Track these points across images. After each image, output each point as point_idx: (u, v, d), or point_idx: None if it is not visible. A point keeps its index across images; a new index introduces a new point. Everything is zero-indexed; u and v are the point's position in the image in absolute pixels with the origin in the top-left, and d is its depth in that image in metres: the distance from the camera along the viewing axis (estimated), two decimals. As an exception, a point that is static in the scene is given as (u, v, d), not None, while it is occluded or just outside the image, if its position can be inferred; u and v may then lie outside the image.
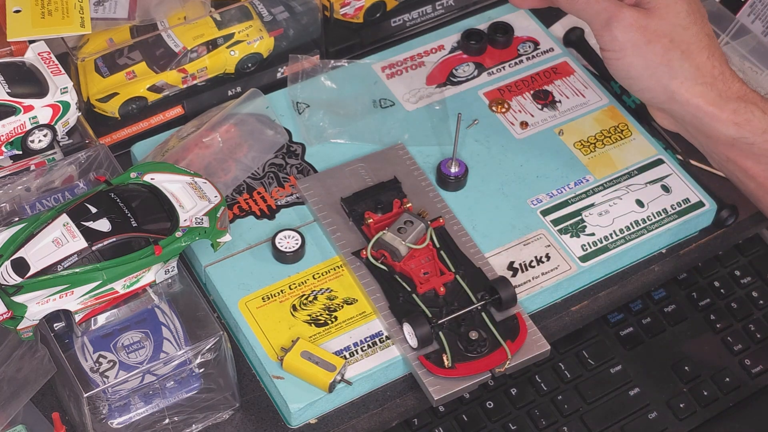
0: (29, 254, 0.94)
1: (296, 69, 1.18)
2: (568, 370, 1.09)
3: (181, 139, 1.11)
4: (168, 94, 1.16)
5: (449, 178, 1.11)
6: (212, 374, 0.98)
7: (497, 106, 1.18)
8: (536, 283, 1.06)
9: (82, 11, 1.09)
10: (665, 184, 1.12)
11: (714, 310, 1.15)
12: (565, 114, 1.18)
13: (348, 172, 1.11)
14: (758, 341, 1.13)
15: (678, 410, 1.08)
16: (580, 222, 1.09)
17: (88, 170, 1.07)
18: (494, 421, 1.06)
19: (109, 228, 0.95)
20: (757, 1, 1.23)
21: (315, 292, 1.03)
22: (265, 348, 1.00)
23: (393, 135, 1.15)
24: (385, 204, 1.07)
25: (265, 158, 1.12)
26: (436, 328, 0.99)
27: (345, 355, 1.00)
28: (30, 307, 0.93)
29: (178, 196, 1.00)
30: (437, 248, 1.04)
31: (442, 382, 0.98)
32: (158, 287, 0.99)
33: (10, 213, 1.03)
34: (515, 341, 1.00)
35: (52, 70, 1.06)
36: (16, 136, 1.04)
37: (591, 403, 1.08)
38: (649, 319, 1.13)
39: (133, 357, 0.96)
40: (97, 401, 0.94)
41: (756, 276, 1.17)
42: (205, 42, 1.15)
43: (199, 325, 0.97)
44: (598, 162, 1.14)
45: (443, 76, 1.20)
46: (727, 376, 1.10)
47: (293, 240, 1.05)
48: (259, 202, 1.09)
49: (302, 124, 1.15)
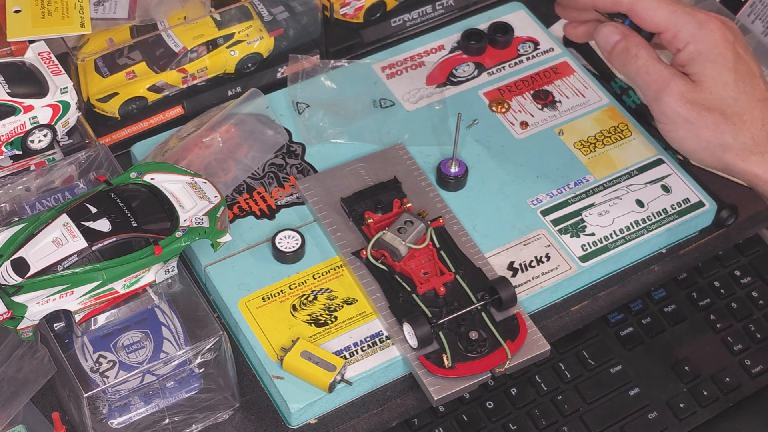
0: (29, 254, 0.94)
1: (296, 69, 1.18)
2: (568, 370, 1.09)
3: (181, 139, 1.11)
4: (168, 94, 1.16)
5: (449, 178, 1.11)
6: (212, 374, 0.98)
7: (497, 106, 1.18)
8: (536, 283, 1.06)
9: (82, 11, 1.09)
10: (665, 184, 1.13)
11: (714, 310, 1.15)
12: (565, 114, 1.18)
13: (348, 172, 1.11)
14: (758, 341, 1.13)
15: (678, 410, 1.08)
16: (580, 222, 1.09)
17: (88, 170, 1.07)
18: (494, 421, 1.06)
19: (109, 228, 0.95)
20: (757, 1, 1.23)
21: (315, 292, 1.03)
22: (265, 348, 1.00)
23: (393, 135, 1.15)
24: (385, 204, 1.07)
25: (265, 158, 1.12)
26: (436, 328, 0.99)
27: (345, 355, 1.00)
28: (30, 307, 0.93)
29: (178, 196, 1.00)
30: (437, 248, 1.04)
31: (442, 382, 0.98)
32: (158, 287, 0.99)
33: (10, 213, 1.03)
34: (515, 341, 1.00)
35: (52, 70, 1.06)
36: (16, 136, 1.04)
37: (591, 403, 1.08)
38: (649, 319, 1.13)
39: (133, 357, 0.96)
40: (97, 401, 0.94)
41: (756, 276, 1.17)
42: (205, 42, 1.15)
43: (199, 325, 0.97)
44: (598, 162, 1.14)
45: (443, 76, 1.20)
46: (727, 376, 1.10)
47: (293, 240, 1.05)
48: (259, 202, 1.09)
49: (302, 124, 1.15)
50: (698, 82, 1.01)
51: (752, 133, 1.01)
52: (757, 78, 1.02)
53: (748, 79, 1.02)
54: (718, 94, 1.01)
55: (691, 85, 1.02)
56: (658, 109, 1.03)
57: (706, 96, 1.01)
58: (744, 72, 1.02)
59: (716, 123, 1.01)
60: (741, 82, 1.01)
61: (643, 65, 1.03)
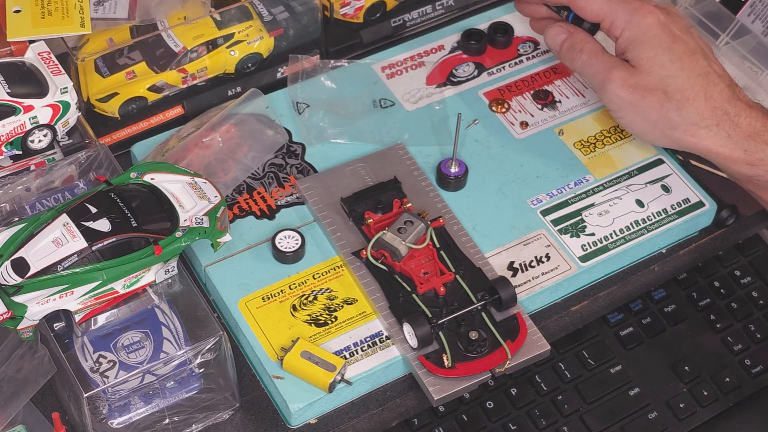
0: (29, 254, 0.94)
1: (296, 69, 1.18)
2: (568, 370, 1.09)
3: (181, 139, 1.11)
4: (168, 94, 1.16)
5: (449, 178, 1.11)
6: (212, 374, 0.98)
7: (497, 106, 1.18)
8: (536, 283, 1.06)
9: (82, 11, 1.09)
10: (665, 184, 1.13)
11: (714, 310, 1.15)
12: (565, 114, 1.18)
13: (348, 172, 1.11)
14: (758, 341, 1.13)
15: (678, 410, 1.08)
16: (580, 222, 1.09)
17: (88, 170, 1.07)
18: (494, 421, 1.06)
19: (109, 228, 0.95)
20: (757, 1, 1.23)
21: (315, 292, 1.03)
22: (265, 348, 1.00)
23: (393, 135, 1.15)
24: (385, 204, 1.07)
25: (265, 158, 1.12)
26: (436, 328, 0.99)
27: (345, 355, 1.00)
28: (30, 307, 0.93)
29: (178, 196, 1.00)
30: (437, 248, 1.04)
31: (442, 382, 0.98)
32: (158, 287, 0.99)
33: (10, 213, 1.03)
34: (515, 341, 1.00)
35: (52, 70, 1.06)
36: (16, 136, 1.04)
37: (591, 403, 1.08)
38: (649, 319, 1.14)
39: (133, 357, 0.96)
40: (97, 401, 0.94)
41: (756, 276, 1.17)
42: (205, 42, 1.15)
43: (199, 325, 0.97)
44: (598, 162, 1.14)
45: (443, 76, 1.20)
46: (727, 376, 1.10)
47: (293, 240, 1.05)
48: (259, 202, 1.09)
49: (302, 124, 1.15)
50: (637, 66, 1.05)
51: (696, 107, 1.04)
52: (696, 54, 1.05)
53: (686, 56, 1.05)
54: (656, 75, 1.04)
55: (631, 69, 1.06)
56: (605, 97, 1.07)
57: (646, 78, 1.05)
58: (681, 51, 1.05)
59: (660, 102, 1.04)
60: (678, 60, 1.04)
61: (588, 59, 1.08)
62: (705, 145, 1.04)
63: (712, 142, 1.04)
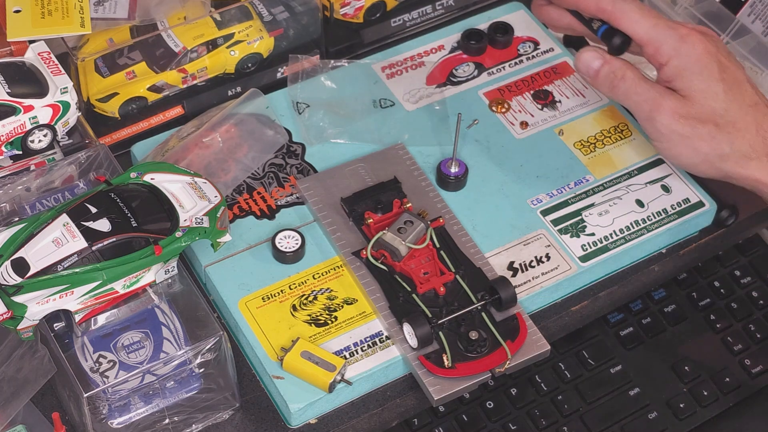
0: (29, 254, 0.94)
1: (296, 69, 1.18)
2: (568, 370, 1.09)
3: (181, 139, 1.11)
4: (168, 94, 1.16)
5: (449, 178, 1.11)
6: (212, 374, 0.98)
7: (497, 106, 1.18)
8: (536, 283, 1.06)
9: (82, 11, 1.09)
10: (665, 184, 1.13)
11: (714, 310, 1.15)
12: (565, 114, 1.18)
13: (348, 172, 1.11)
14: (758, 341, 1.13)
15: (678, 410, 1.08)
16: (580, 222, 1.09)
17: (88, 170, 1.07)
18: (494, 421, 1.06)
19: (109, 228, 0.95)
20: (757, 1, 1.23)
21: (315, 292, 1.03)
22: (265, 348, 1.00)
23: (393, 135, 1.15)
24: (385, 204, 1.07)
25: (265, 158, 1.12)
26: (436, 328, 0.99)
27: (345, 355, 1.00)
28: (30, 307, 0.93)
29: (178, 196, 1.00)
30: (437, 248, 1.04)
31: (442, 382, 0.98)
32: (158, 287, 0.99)
33: (10, 213, 1.03)
34: (515, 341, 1.00)
35: (52, 70, 1.06)
36: (16, 136, 1.04)
37: (591, 403, 1.08)
38: (649, 319, 1.14)
39: (133, 357, 0.96)
40: (97, 401, 0.94)
41: (756, 276, 1.17)
42: (205, 42, 1.15)
43: (199, 325, 0.97)
44: (598, 162, 1.14)
45: (443, 76, 1.20)
46: (727, 376, 1.10)
47: (293, 240, 1.05)
48: (259, 202, 1.09)
49: (302, 124, 1.15)
50: (687, 96, 1.03)
51: (747, 139, 1.02)
52: (744, 84, 1.04)
53: (736, 86, 1.03)
54: (709, 106, 1.02)
55: (682, 100, 1.03)
56: (652, 127, 1.04)
57: (698, 109, 1.02)
58: (731, 81, 1.03)
59: (711, 134, 1.02)
60: (729, 91, 1.02)
61: (631, 86, 1.05)
62: (755, 177, 1.03)
63: (762, 173, 1.02)
